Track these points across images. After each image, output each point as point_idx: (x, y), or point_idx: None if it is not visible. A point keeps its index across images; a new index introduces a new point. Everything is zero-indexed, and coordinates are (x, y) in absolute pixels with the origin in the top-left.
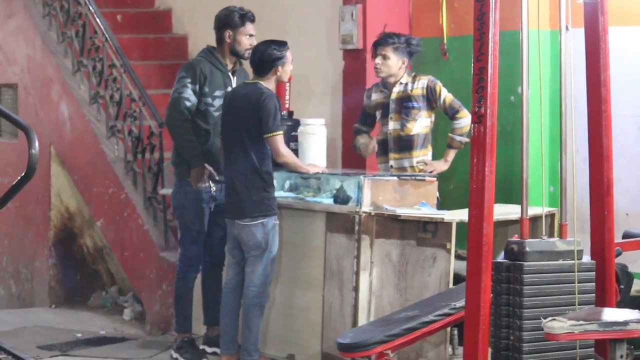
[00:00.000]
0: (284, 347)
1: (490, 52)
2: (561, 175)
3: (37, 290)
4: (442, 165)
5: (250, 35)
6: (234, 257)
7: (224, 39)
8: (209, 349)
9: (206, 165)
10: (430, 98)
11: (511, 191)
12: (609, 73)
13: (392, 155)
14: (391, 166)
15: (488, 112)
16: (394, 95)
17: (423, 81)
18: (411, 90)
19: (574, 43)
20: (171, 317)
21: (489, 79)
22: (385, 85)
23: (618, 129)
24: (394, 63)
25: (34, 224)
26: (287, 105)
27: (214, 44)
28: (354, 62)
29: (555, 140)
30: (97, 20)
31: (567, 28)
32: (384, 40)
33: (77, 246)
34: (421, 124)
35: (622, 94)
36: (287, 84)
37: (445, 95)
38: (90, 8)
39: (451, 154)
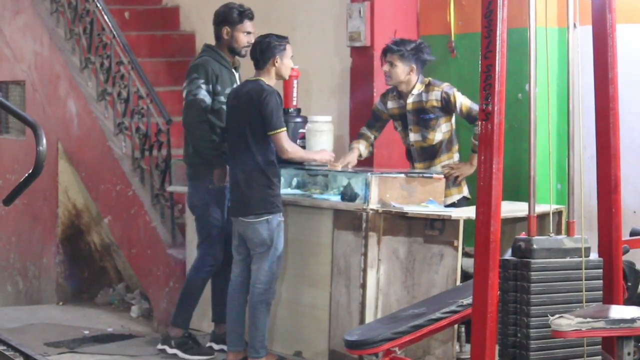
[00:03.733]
0: (291, 344)
1: (497, 50)
2: (568, 173)
3: (45, 287)
4: (468, 169)
5: (248, 33)
6: (239, 255)
7: (222, 36)
8: (216, 346)
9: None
10: (446, 108)
11: (519, 188)
12: (617, 71)
13: (417, 165)
14: None
15: (495, 109)
16: (409, 107)
17: (437, 92)
18: (425, 102)
19: (582, 41)
20: None
21: (496, 77)
22: (400, 94)
23: (626, 126)
24: (401, 71)
25: (41, 221)
26: (294, 103)
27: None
28: (361, 59)
29: (563, 137)
30: (105, 17)
31: (574, 26)
32: (390, 48)
33: (84, 243)
34: (441, 131)
35: (629, 92)
36: (295, 81)
37: (462, 104)
38: (98, 5)
39: (476, 158)
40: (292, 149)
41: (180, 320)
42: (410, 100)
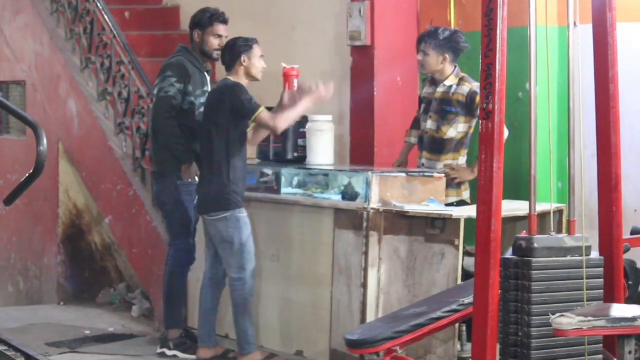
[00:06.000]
0: (292, 343)
1: (498, 48)
2: (569, 172)
3: (46, 287)
4: (467, 175)
5: (219, 36)
6: (208, 251)
7: (194, 39)
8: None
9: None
10: (469, 106)
11: (519, 187)
12: (617, 69)
13: (424, 153)
14: (422, 163)
15: (496, 108)
16: (437, 95)
17: (466, 88)
18: (452, 94)
19: (582, 39)
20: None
21: (496, 75)
22: (434, 80)
23: (626, 125)
24: (434, 60)
25: (42, 220)
26: None
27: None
28: (361, 58)
29: (563, 136)
30: (105, 16)
31: (575, 24)
32: (424, 37)
33: (85, 243)
34: (456, 128)
35: (630, 90)
36: (295, 81)
37: None
38: (98, 5)
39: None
40: (280, 121)
41: (173, 321)
42: (440, 89)
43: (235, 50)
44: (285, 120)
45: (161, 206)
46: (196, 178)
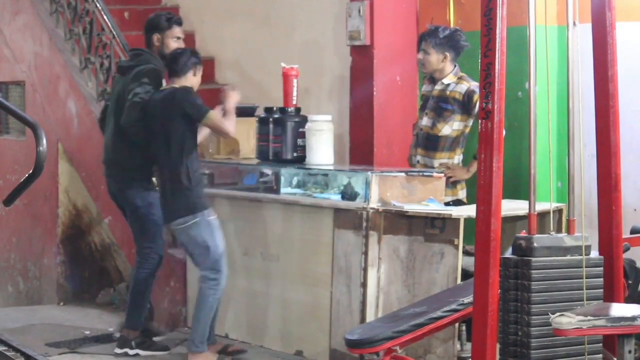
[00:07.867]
0: (291, 343)
1: (497, 48)
2: (569, 171)
3: (45, 288)
4: (463, 174)
5: (178, 38)
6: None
7: (153, 43)
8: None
9: None
10: (466, 105)
11: (519, 187)
12: (617, 68)
13: (419, 150)
14: (418, 161)
15: (495, 107)
16: (434, 92)
17: (464, 86)
18: (450, 92)
19: (582, 38)
20: (179, 314)
21: (496, 75)
22: (433, 78)
23: (626, 124)
24: (434, 59)
25: (41, 221)
26: (294, 102)
27: (220, 41)
28: (361, 58)
29: (563, 135)
30: (105, 17)
31: (574, 24)
32: (425, 36)
33: (85, 243)
34: (452, 126)
35: (629, 90)
36: (295, 81)
37: None
38: (98, 5)
39: (474, 166)
40: (229, 124)
41: (135, 322)
42: (438, 87)
43: (190, 61)
44: (231, 123)
45: (134, 210)
46: None
